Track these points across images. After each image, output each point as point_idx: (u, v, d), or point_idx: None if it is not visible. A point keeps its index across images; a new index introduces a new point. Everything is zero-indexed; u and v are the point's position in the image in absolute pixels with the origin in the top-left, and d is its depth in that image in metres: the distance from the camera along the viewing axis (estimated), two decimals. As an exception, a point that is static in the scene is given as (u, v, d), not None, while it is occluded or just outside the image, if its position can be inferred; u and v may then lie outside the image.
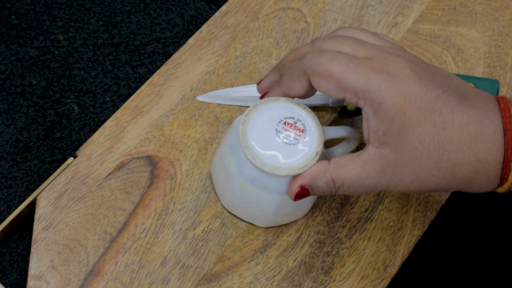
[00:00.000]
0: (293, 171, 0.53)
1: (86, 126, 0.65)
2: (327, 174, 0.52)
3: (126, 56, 0.68)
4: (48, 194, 0.60)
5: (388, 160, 0.50)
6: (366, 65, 0.50)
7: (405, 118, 0.49)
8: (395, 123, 0.49)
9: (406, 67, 0.50)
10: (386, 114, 0.49)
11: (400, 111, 0.49)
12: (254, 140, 0.54)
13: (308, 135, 0.54)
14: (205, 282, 0.58)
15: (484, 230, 0.63)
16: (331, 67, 0.50)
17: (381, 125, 0.50)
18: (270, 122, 0.55)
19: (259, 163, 0.53)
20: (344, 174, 0.51)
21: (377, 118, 0.50)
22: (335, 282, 0.58)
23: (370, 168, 0.51)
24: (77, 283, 0.57)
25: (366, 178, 0.51)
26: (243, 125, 0.54)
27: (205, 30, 0.68)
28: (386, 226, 0.60)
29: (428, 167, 0.50)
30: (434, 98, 0.49)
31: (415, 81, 0.49)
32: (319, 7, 0.69)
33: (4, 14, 0.69)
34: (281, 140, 0.54)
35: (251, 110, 0.55)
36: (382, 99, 0.49)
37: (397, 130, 0.49)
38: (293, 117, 0.55)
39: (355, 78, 0.50)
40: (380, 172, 0.51)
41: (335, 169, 0.52)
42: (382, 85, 0.49)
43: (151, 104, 0.64)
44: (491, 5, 0.70)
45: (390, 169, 0.50)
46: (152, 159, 0.62)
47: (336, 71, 0.50)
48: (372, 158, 0.50)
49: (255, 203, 0.56)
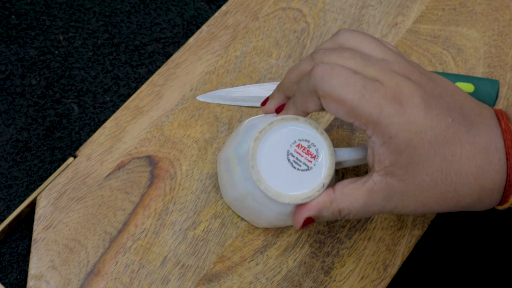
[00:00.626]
0: (296, 201, 0.52)
1: (86, 126, 0.65)
2: (333, 205, 0.52)
3: (126, 56, 0.68)
4: (48, 194, 0.60)
5: (394, 190, 0.50)
6: (380, 93, 0.48)
7: (415, 152, 0.48)
8: (404, 156, 0.49)
9: (417, 95, 0.49)
10: (396, 147, 0.48)
11: (411, 145, 0.48)
12: (263, 161, 0.53)
13: (319, 163, 0.53)
14: (205, 282, 0.58)
15: (484, 230, 0.63)
16: (345, 94, 0.48)
17: (389, 156, 0.49)
18: (283, 142, 0.53)
19: (263, 187, 0.52)
20: (351, 205, 0.51)
21: (385, 149, 0.49)
22: (335, 282, 0.58)
23: (376, 196, 0.50)
24: (77, 283, 0.57)
25: (371, 205, 0.51)
26: (254, 142, 0.53)
27: (205, 30, 0.68)
28: (386, 226, 0.60)
29: (434, 197, 0.50)
30: (444, 129, 0.49)
31: (426, 113, 0.48)
32: (319, 7, 0.69)
33: (4, 14, 0.69)
34: (290, 165, 0.53)
35: (266, 127, 0.53)
36: (394, 132, 0.48)
37: (405, 162, 0.49)
38: (308, 140, 0.53)
39: (368, 108, 0.48)
40: (385, 200, 0.50)
41: (341, 200, 0.51)
42: (395, 119, 0.48)
43: (151, 104, 0.64)
44: (491, 5, 0.70)
45: (396, 198, 0.50)
46: (152, 159, 0.62)
47: (350, 98, 0.48)
48: (378, 187, 0.50)
49: (255, 211, 0.56)
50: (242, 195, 0.56)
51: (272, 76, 0.66)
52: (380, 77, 0.49)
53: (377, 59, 0.51)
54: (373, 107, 0.48)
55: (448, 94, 0.51)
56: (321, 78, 0.49)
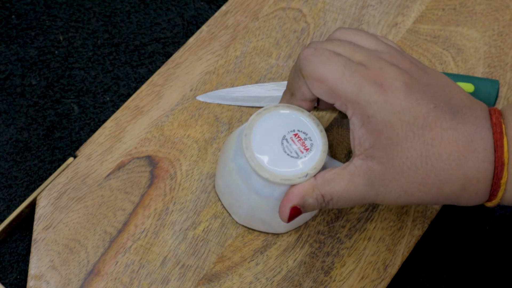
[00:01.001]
0: (275, 179, 0.53)
1: (86, 126, 0.65)
2: (316, 190, 0.52)
3: (126, 56, 0.68)
4: (48, 194, 0.60)
5: (374, 173, 0.50)
6: (361, 73, 0.49)
7: (394, 133, 0.48)
8: (383, 136, 0.49)
9: (399, 79, 0.49)
10: (374, 127, 0.49)
11: (389, 125, 0.48)
12: (257, 135, 0.54)
13: (309, 156, 0.54)
14: (205, 282, 0.58)
15: (484, 230, 0.63)
16: (325, 72, 0.50)
17: (368, 137, 0.49)
18: (283, 126, 0.54)
19: (249, 155, 0.53)
20: (332, 189, 0.51)
21: (364, 130, 0.49)
22: (335, 282, 0.58)
23: (357, 180, 0.50)
24: (77, 283, 0.57)
25: (353, 190, 0.51)
26: (256, 116, 0.54)
27: (205, 30, 0.68)
28: (386, 226, 0.60)
29: (415, 182, 0.49)
30: (424, 113, 0.49)
31: (406, 95, 0.49)
32: (319, 7, 0.69)
33: (4, 14, 0.69)
34: (282, 148, 0.54)
35: (271, 108, 0.55)
36: (372, 112, 0.48)
37: (384, 143, 0.49)
38: (306, 133, 0.54)
39: (347, 87, 0.49)
40: (367, 185, 0.50)
41: (323, 184, 0.51)
42: (373, 98, 0.48)
43: (151, 104, 0.64)
44: (491, 5, 0.70)
45: (377, 183, 0.50)
46: (152, 159, 0.62)
47: (330, 77, 0.49)
48: (359, 171, 0.50)
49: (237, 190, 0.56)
50: (229, 170, 0.56)
51: (272, 76, 0.66)
52: (365, 61, 0.50)
53: (368, 49, 0.51)
54: (352, 86, 0.49)
55: (438, 85, 0.51)
56: (305, 58, 0.51)
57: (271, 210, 0.56)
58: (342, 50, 0.51)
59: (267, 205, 0.55)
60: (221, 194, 0.59)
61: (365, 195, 0.51)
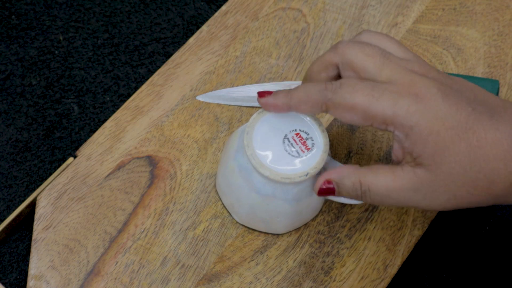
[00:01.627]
0: (275, 177, 0.53)
1: (86, 126, 0.65)
2: (356, 175, 0.51)
3: (126, 56, 0.68)
4: (48, 194, 0.60)
5: (422, 180, 0.49)
6: (391, 90, 0.49)
7: (440, 139, 0.48)
8: (429, 144, 0.48)
9: (433, 87, 0.49)
10: (419, 136, 0.48)
11: (433, 132, 0.48)
12: (259, 134, 0.54)
13: (310, 156, 0.54)
14: (205, 282, 0.58)
15: (484, 230, 0.63)
16: (354, 99, 0.49)
17: (415, 147, 0.49)
18: (285, 126, 0.55)
19: (250, 153, 0.53)
20: (373, 180, 0.51)
21: (409, 141, 0.49)
22: (335, 282, 0.58)
23: (401, 183, 0.50)
24: (77, 283, 0.57)
25: (394, 191, 0.50)
26: (258, 114, 0.54)
27: (205, 30, 0.68)
28: (386, 226, 0.60)
29: (465, 186, 0.49)
30: (465, 117, 0.48)
31: (444, 101, 0.48)
32: (319, 7, 0.69)
33: (4, 14, 0.69)
34: (283, 147, 0.54)
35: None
36: (414, 122, 0.48)
37: (432, 151, 0.48)
38: (308, 133, 0.54)
39: (381, 106, 0.49)
40: (413, 190, 0.50)
41: (365, 173, 0.51)
42: (412, 108, 0.48)
43: (151, 104, 0.64)
44: (491, 5, 0.70)
45: (425, 189, 0.50)
46: (152, 159, 0.62)
47: (360, 102, 0.49)
48: (406, 175, 0.50)
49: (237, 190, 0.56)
50: (230, 169, 0.56)
51: (272, 76, 0.66)
52: (394, 76, 0.50)
53: (396, 57, 0.51)
54: (386, 103, 0.49)
55: (468, 89, 0.50)
56: (333, 91, 0.50)
57: (271, 210, 0.56)
58: (372, 62, 0.50)
59: (267, 204, 0.55)
60: (222, 193, 0.59)
61: (408, 199, 0.50)
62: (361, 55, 0.51)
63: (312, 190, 0.55)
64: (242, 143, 0.55)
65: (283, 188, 0.54)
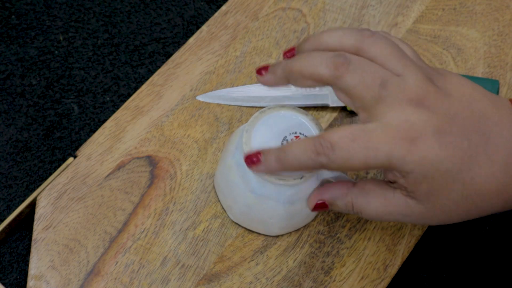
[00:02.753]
0: (269, 177, 0.53)
1: (86, 126, 0.65)
2: (348, 197, 0.52)
3: (126, 56, 0.68)
4: (48, 194, 0.60)
5: (413, 210, 0.50)
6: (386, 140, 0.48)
7: (434, 182, 0.48)
8: (423, 186, 0.49)
9: (429, 126, 0.48)
10: (414, 180, 0.49)
11: (428, 177, 0.48)
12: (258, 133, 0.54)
13: None
14: (205, 282, 0.58)
15: (484, 230, 0.63)
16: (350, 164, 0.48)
17: (409, 186, 0.49)
18: (285, 127, 0.55)
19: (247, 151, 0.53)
20: (364, 205, 0.51)
21: (404, 181, 0.49)
22: (335, 282, 0.58)
23: (392, 209, 0.51)
24: (77, 283, 0.57)
25: (386, 215, 0.51)
26: (259, 114, 0.55)
27: (205, 30, 0.68)
28: (386, 226, 0.60)
29: (456, 215, 0.50)
30: (460, 157, 0.48)
31: (440, 143, 0.48)
32: (319, 7, 0.69)
33: (4, 14, 0.69)
34: None
35: (275, 108, 0.55)
36: (409, 169, 0.48)
37: (425, 191, 0.49)
38: (307, 136, 0.54)
39: (378, 161, 0.48)
40: (403, 215, 0.51)
41: (357, 195, 0.52)
42: (407, 158, 0.48)
43: (151, 104, 0.64)
44: (491, 5, 0.70)
45: (415, 217, 0.50)
46: (152, 159, 0.62)
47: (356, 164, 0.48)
48: (397, 202, 0.50)
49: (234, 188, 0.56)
50: (228, 166, 0.56)
51: (272, 76, 0.66)
52: (389, 112, 0.48)
53: (393, 81, 0.49)
54: (381, 159, 0.48)
55: (464, 106, 0.50)
56: (327, 159, 0.48)
57: (265, 210, 0.56)
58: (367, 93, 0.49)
59: (261, 204, 0.55)
60: (219, 191, 0.59)
61: (400, 220, 0.51)
62: (359, 86, 0.49)
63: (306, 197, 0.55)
64: (241, 141, 0.55)
65: (278, 189, 0.54)
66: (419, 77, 0.50)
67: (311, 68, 0.50)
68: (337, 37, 0.51)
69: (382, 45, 0.50)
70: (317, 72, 0.49)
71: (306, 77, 0.50)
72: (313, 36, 0.52)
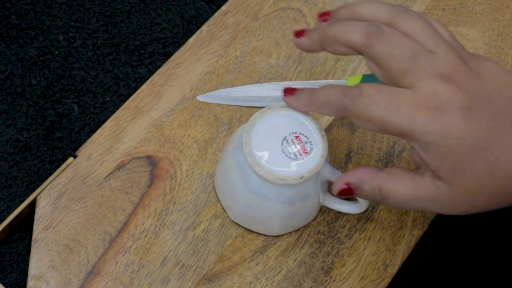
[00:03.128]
0: (270, 177, 0.53)
1: (86, 126, 0.65)
2: (376, 181, 0.51)
3: (126, 56, 0.68)
4: (48, 194, 0.60)
5: (442, 193, 0.49)
6: (409, 103, 0.48)
7: (457, 157, 0.48)
8: (446, 161, 0.48)
9: (456, 101, 0.48)
10: (436, 152, 0.48)
11: (451, 150, 0.48)
12: (258, 133, 0.54)
13: (307, 159, 0.54)
14: (205, 282, 0.58)
15: (484, 230, 0.63)
16: (371, 111, 0.49)
17: (433, 161, 0.49)
18: (285, 127, 0.55)
19: (248, 151, 0.53)
20: (392, 187, 0.51)
21: (426, 155, 0.49)
22: (335, 282, 0.58)
23: (421, 193, 0.50)
24: (77, 283, 0.57)
25: (413, 200, 0.50)
26: (259, 114, 0.55)
27: (205, 30, 0.68)
28: (386, 226, 0.60)
29: (483, 199, 0.49)
30: (485, 134, 0.48)
31: (465, 119, 0.48)
32: (319, 7, 0.69)
33: (4, 14, 0.69)
34: (281, 149, 0.54)
35: (276, 108, 0.55)
36: (430, 139, 0.48)
37: (450, 168, 0.48)
38: (308, 137, 0.54)
39: (398, 120, 0.48)
40: (432, 201, 0.50)
41: (385, 179, 0.51)
42: (429, 126, 0.48)
43: (151, 104, 0.64)
44: (491, 5, 0.70)
45: (444, 201, 0.50)
46: (152, 159, 0.62)
47: (377, 115, 0.49)
48: (426, 185, 0.50)
49: (233, 187, 0.56)
50: (228, 165, 0.56)
51: (272, 76, 0.66)
52: (416, 84, 0.49)
53: (424, 55, 0.49)
54: (402, 119, 0.48)
55: (495, 89, 0.49)
56: (352, 103, 0.50)
57: (264, 210, 0.56)
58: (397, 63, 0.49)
59: (261, 204, 0.55)
60: (219, 190, 0.59)
61: (427, 207, 0.51)
62: (389, 56, 0.49)
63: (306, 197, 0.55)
64: (241, 141, 0.55)
65: (277, 189, 0.54)
66: (450, 55, 0.50)
67: (346, 34, 0.51)
68: (372, 9, 0.52)
69: (415, 20, 0.51)
70: (351, 39, 0.51)
71: (340, 42, 0.51)
72: (349, 6, 0.53)
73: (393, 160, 0.63)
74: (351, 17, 0.53)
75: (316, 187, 0.55)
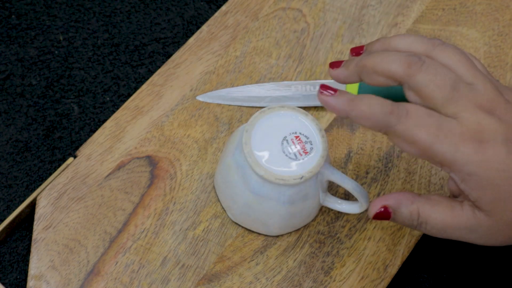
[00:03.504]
0: (269, 177, 0.53)
1: (86, 126, 0.65)
2: (414, 205, 0.51)
3: (126, 56, 0.68)
4: (48, 194, 0.60)
5: (481, 223, 0.49)
6: (455, 132, 0.48)
7: (499, 190, 0.48)
8: (487, 193, 0.48)
9: (499, 134, 0.48)
10: (477, 184, 0.48)
11: (493, 183, 0.48)
12: (258, 133, 0.54)
13: (307, 159, 0.54)
14: (205, 282, 0.58)
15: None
16: (417, 134, 0.48)
17: (472, 192, 0.48)
18: (285, 127, 0.55)
19: (247, 151, 0.53)
20: (431, 213, 0.50)
21: (466, 185, 0.48)
22: (335, 282, 0.58)
23: (459, 221, 0.50)
24: (77, 283, 0.57)
25: (452, 228, 0.50)
26: (259, 114, 0.55)
27: (205, 30, 0.68)
28: (386, 226, 0.60)
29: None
30: None
31: (508, 151, 0.47)
32: (319, 7, 0.69)
33: (4, 14, 0.69)
34: (281, 149, 0.54)
35: (275, 108, 0.55)
36: (472, 170, 0.48)
37: (490, 199, 0.48)
38: (308, 137, 0.54)
39: (442, 148, 0.48)
40: (469, 230, 0.50)
41: (424, 203, 0.50)
42: (473, 157, 0.47)
43: (151, 104, 0.64)
44: (491, 5, 0.70)
45: (482, 231, 0.49)
46: (152, 159, 0.62)
47: (422, 139, 0.48)
48: (465, 214, 0.49)
49: (233, 187, 0.56)
50: (228, 165, 0.56)
51: (272, 76, 0.66)
52: (460, 114, 0.48)
53: (465, 86, 0.49)
54: (447, 147, 0.48)
55: None
56: (398, 121, 0.49)
57: (264, 210, 0.56)
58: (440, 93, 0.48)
59: (261, 204, 0.55)
60: (219, 190, 0.59)
61: (464, 236, 0.50)
62: (431, 85, 0.49)
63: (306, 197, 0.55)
64: (241, 141, 0.55)
65: (277, 189, 0.54)
66: (488, 87, 0.49)
67: (385, 64, 0.50)
68: (408, 42, 0.52)
69: (452, 52, 0.50)
70: (390, 69, 0.50)
71: (378, 73, 0.50)
72: (383, 39, 0.53)
73: (393, 160, 0.63)
74: (386, 50, 0.52)
75: (316, 187, 0.55)
